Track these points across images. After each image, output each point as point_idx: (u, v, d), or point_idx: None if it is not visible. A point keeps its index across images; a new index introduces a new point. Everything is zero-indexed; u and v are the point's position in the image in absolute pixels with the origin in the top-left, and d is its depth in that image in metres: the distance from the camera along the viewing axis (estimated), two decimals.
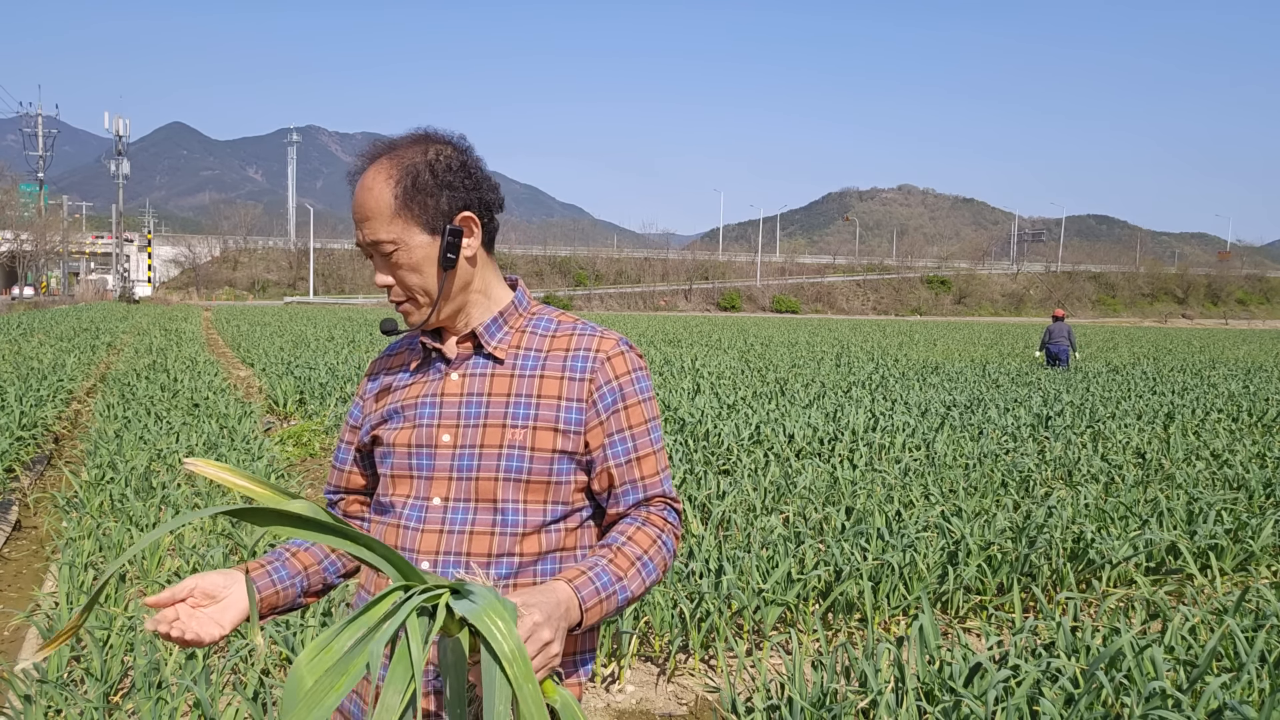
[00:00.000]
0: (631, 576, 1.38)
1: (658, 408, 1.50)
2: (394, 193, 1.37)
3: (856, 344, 26.64)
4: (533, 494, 1.42)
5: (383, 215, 1.38)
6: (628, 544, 1.40)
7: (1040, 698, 2.93)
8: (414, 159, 1.39)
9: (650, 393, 1.49)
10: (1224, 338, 41.93)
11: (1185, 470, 7.09)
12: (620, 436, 1.44)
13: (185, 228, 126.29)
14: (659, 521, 1.45)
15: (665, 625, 3.89)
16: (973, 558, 4.56)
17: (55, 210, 71.82)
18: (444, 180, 1.39)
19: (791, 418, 8.99)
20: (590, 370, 1.43)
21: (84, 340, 18.67)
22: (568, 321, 1.50)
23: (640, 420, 1.46)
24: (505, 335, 1.47)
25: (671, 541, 1.46)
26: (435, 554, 1.41)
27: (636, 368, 1.48)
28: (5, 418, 7.55)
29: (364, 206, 1.39)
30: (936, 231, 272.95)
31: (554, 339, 1.47)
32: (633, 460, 1.45)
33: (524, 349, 1.47)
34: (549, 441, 1.41)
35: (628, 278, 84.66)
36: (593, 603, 1.32)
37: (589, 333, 1.47)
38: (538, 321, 1.50)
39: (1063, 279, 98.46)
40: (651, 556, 1.41)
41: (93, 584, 4.19)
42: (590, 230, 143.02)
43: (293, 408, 10.47)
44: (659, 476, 1.47)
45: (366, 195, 1.39)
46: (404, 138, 1.44)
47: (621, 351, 1.47)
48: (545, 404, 1.42)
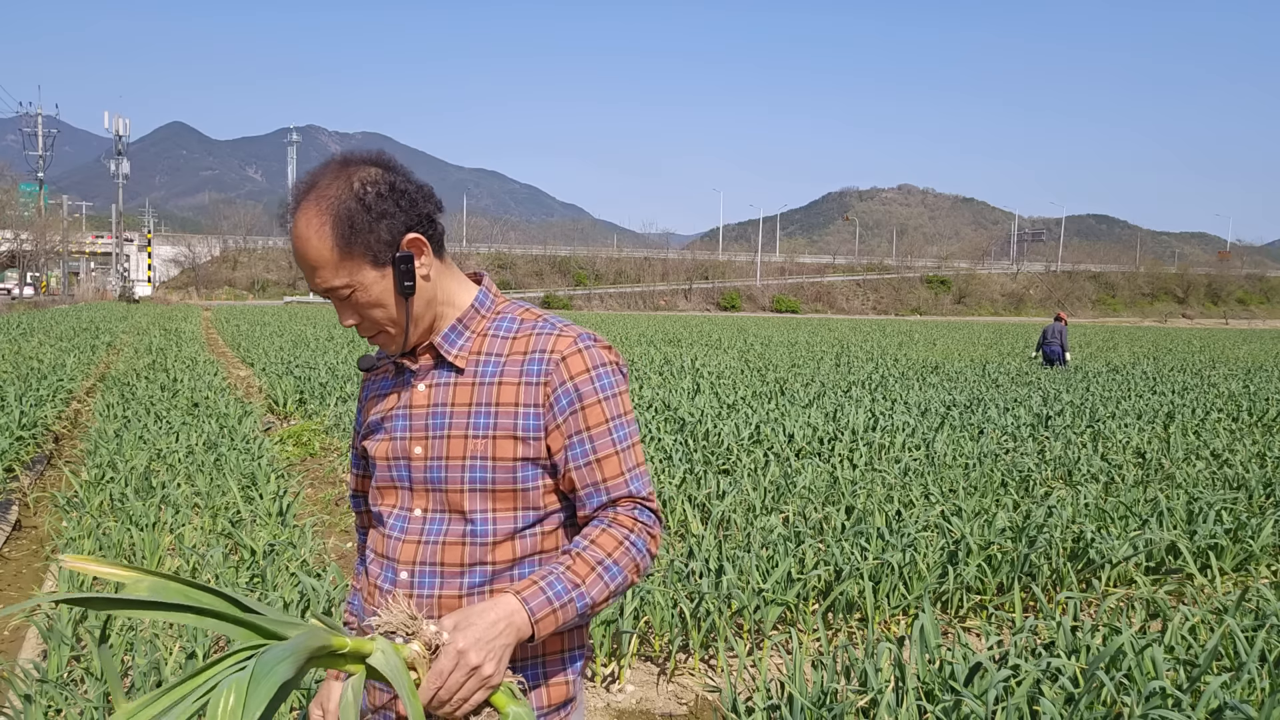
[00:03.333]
0: (592, 582, 1.34)
1: (625, 404, 1.45)
2: (332, 239, 1.32)
3: (856, 344, 26.64)
4: (500, 503, 1.40)
5: (328, 263, 1.33)
6: (590, 548, 1.37)
7: (1040, 697, 2.93)
8: (341, 196, 1.33)
9: (614, 389, 1.43)
10: (1224, 337, 41.93)
11: (1185, 470, 7.09)
12: (579, 439, 1.40)
13: (185, 227, 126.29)
14: (628, 522, 1.40)
15: (665, 625, 3.88)
16: (973, 557, 4.56)
17: (55, 210, 71.84)
18: (378, 210, 1.33)
19: (791, 417, 8.99)
20: (545, 373, 1.39)
21: (84, 340, 18.67)
22: (529, 320, 1.45)
23: (600, 420, 1.40)
24: (466, 342, 1.44)
25: (643, 542, 1.40)
26: (412, 564, 1.42)
27: (597, 364, 1.41)
28: (5, 418, 7.55)
29: (306, 257, 1.34)
30: (936, 231, 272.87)
31: (514, 341, 1.43)
32: (592, 463, 1.40)
33: (485, 354, 1.43)
34: (510, 450, 1.39)
35: (628, 277, 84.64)
36: (544, 613, 1.29)
37: (546, 331, 1.43)
38: (499, 323, 1.46)
39: (1063, 279, 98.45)
40: (617, 559, 1.37)
41: (92, 584, 4.19)
42: (590, 230, 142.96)
43: (293, 407, 10.47)
44: (624, 477, 1.42)
45: (305, 246, 1.33)
46: (322, 171, 1.37)
47: (579, 350, 1.41)
48: (504, 412, 1.39)
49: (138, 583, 1.09)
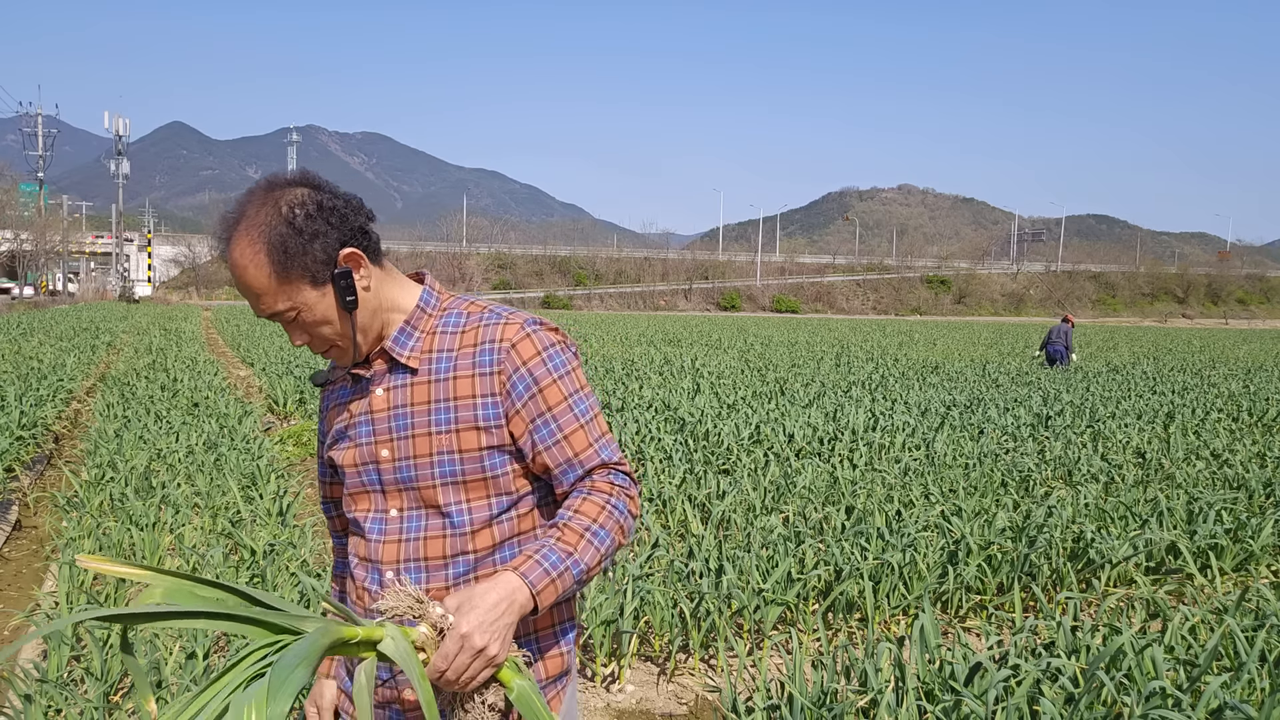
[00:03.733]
0: (583, 549, 1.38)
1: (580, 379, 1.48)
2: (269, 266, 1.34)
3: (856, 344, 26.64)
4: (473, 492, 1.44)
5: (267, 290, 1.36)
6: (575, 517, 1.40)
7: (1040, 697, 2.93)
8: (270, 221, 1.34)
9: (567, 367, 1.46)
10: (1224, 337, 41.92)
11: (1185, 470, 7.09)
12: (542, 420, 1.43)
13: (185, 227, 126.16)
14: (605, 487, 1.44)
15: (665, 625, 3.88)
16: (973, 557, 4.56)
17: (55, 210, 71.83)
18: (309, 231, 1.35)
19: (791, 417, 8.99)
20: (498, 361, 1.43)
21: (84, 340, 18.67)
22: (475, 313, 1.49)
23: (559, 399, 1.44)
24: (416, 342, 1.47)
25: (623, 503, 1.44)
26: (396, 562, 1.45)
27: (547, 345, 1.45)
28: (5, 417, 7.55)
29: (247, 286, 1.37)
30: (936, 231, 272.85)
31: (463, 335, 1.46)
32: (560, 441, 1.44)
33: (436, 352, 1.46)
34: (474, 441, 1.42)
35: (627, 277, 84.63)
36: (544, 584, 1.33)
37: (493, 321, 1.46)
38: (447, 319, 1.49)
39: (1063, 279, 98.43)
40: (603, 524, 1.41)
41: (91, 585, 4.19)
42: (590, 230, 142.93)
43: (293, 407, 10.47)
44: (593, 448, 1.45)
45: (243, 274, 1.36)
46: (249, 199, 1.38)
47: (527, 334, 1.44)
48: (462, 405, 1.43)
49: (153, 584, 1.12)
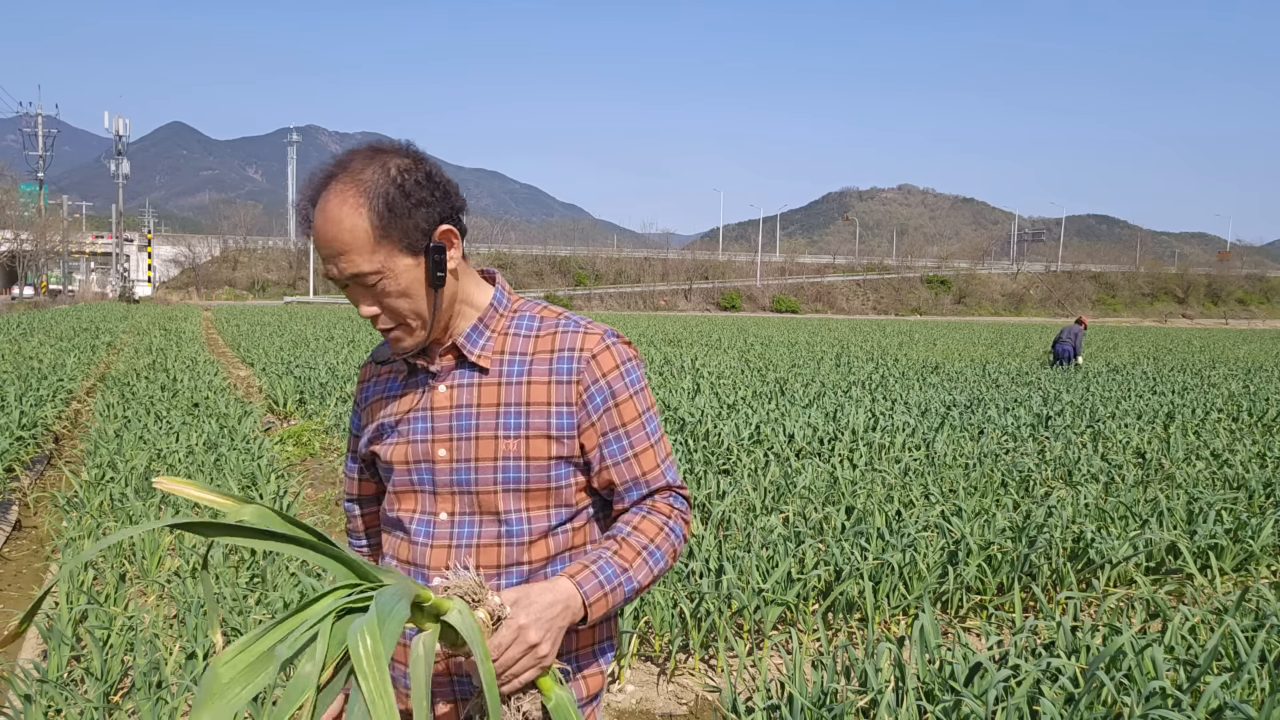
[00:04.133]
0: (638, 567, 1.36)
1: (650, 398, 1.46)
2: (369, 220, 1.27)
3: (856, 344, 26.64)
4: (534, 501, 1.39)
5: (361, 246, 1.28)
6: (633, 534, 1.38)
7: (1040, 697, 2.93)
8: (377, 179, 1.29)
9: (641, 383, 1.44)
10: (1224, 337, 41.92)
11: (1185, 470, 7.09)
12: (615, 435, 1.41)
13: (185, 228, 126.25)
14: (665, 509, 1.43)
15: (665, 625, 3.88)
16: (973, 557, 4.56)
17: (55, 210, 71.83)
18: (416, 198, 1.30)
19: (791, 417, 8.99)
20: (577, 371, 1.39)
21: (84, 340, 18.67)
22: (550, 318, 1.45)
23: (634, 415, 1.42)
24: (488, 341, 1.42)
25: (680, 527, 1.43)
26: (445, 569, 1.39)
27: (625, 359, 1.42)
28: (5, 418, 7.55)
29: (335, 240, 1.28)
30: (936, 231, 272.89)
31: (538, 339, 1.42)
32: (630, 458, 1.41)
33: (508, 354, 1.42)
34: (544, 449, 1.38)
35: (628, 277, 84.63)
36: (597, 596, 1.31)
37: (572, 329, 1.42)
38: (519, 321, 1.45)
39: (1063, 279, 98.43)
40: (659, 545, 1.39)
41: (92, 584, 4.19)
42: (590, 230, 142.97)
43: (293, 407, 10.47)
44: (660, 469, 1.44)
45: (336, 228, 1.28)
46: (355, 156, 1.32)
47: (607, 346, 1.41)
48: (535, 411, 1.38)
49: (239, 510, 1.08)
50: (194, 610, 3.58)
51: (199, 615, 3.55)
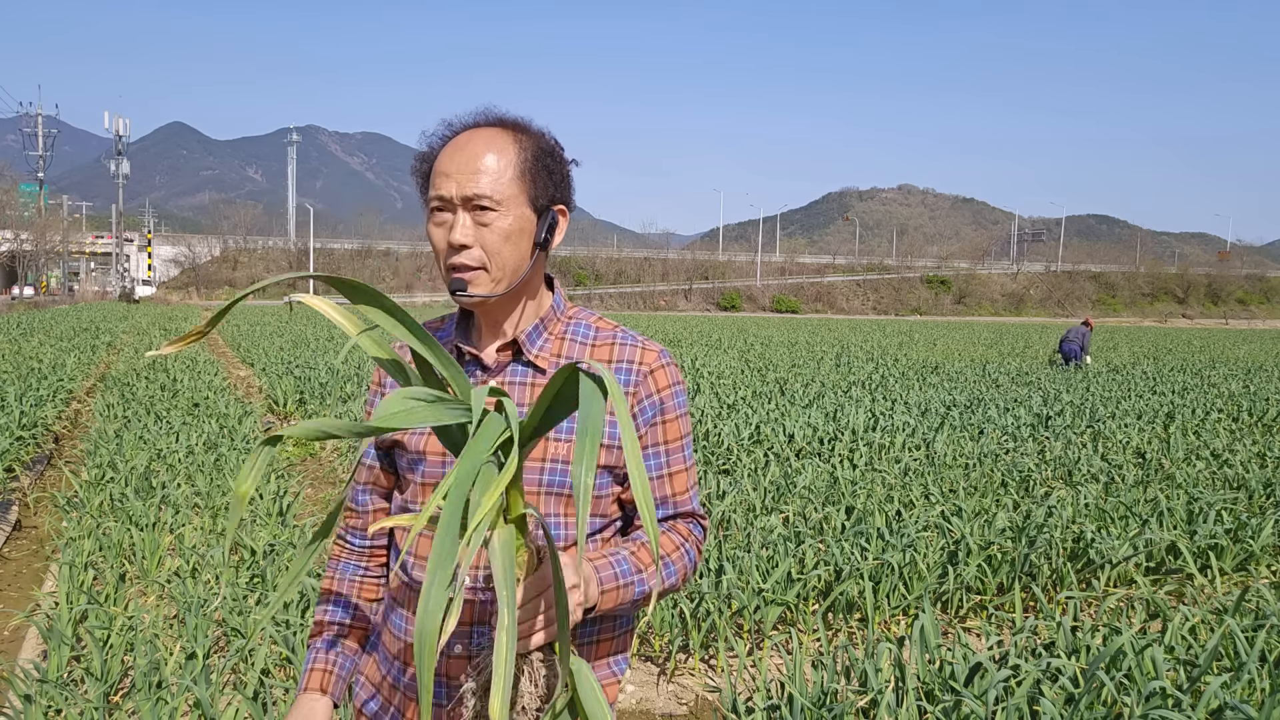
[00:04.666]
0: (652, 573, 1.35)
1: (690, 424, 1.49)
2: (519, 157, 1.35)
3: (856, 344, 26.64)
4: (572, 508, 1.37)
5: (501, 174, 1.33)
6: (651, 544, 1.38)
7: (1040, 697, 2.93)
8: (538, 136, 1.38)
9: (685, 409, 1.47)
10: (1224, 337, 41.92)
11: (1185, 470, 7.09)
12: (655, 451, 1.42)
13: (185, 227, 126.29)
14: (684, 531, 1.44)
15: (665, 625, 3.89)
16: (973, 557, 4.56)
17: (55, 210, 71.85)
18: (558, 169, 1.39)
19: (791, 417, 8.99)
20: (634, 384, 1.41)
21: (84, 340, 18.67)
22: (607, 329, 1.46)
23: (676, 436, 1.44)
24: (545, 343, 1.43)
25: (694, 553, 1.44)
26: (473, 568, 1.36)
27: (676, 382, 1.45)
28: (5, 418, 7.55)
29: (479, 157, 1.33)
30: (936, 231, 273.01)
31: (595, 348, 1.43)
32: (665, 476, 1.43)
33: (564, 358, 1.42)
34: None
35: (628, 277, 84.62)
36: (610, 586, 1.29)
37: (631, 343, 1.44)
38: (575, 328, 1.46)
39: (1063, 279, 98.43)
40: (674, 560, 1.39)
41: (92, 584, 4.19)
42: (590, 230, 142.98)
43: (293, 407, 10.47)
44: (689, 493, 1.45)
45: (486, 147, 1.34)
46: (517, 118, 1.41)
47: (664, 365, 1.44)
48: None
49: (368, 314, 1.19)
50: (194, 610, 3.58)
51: (199, 615, 3.55)
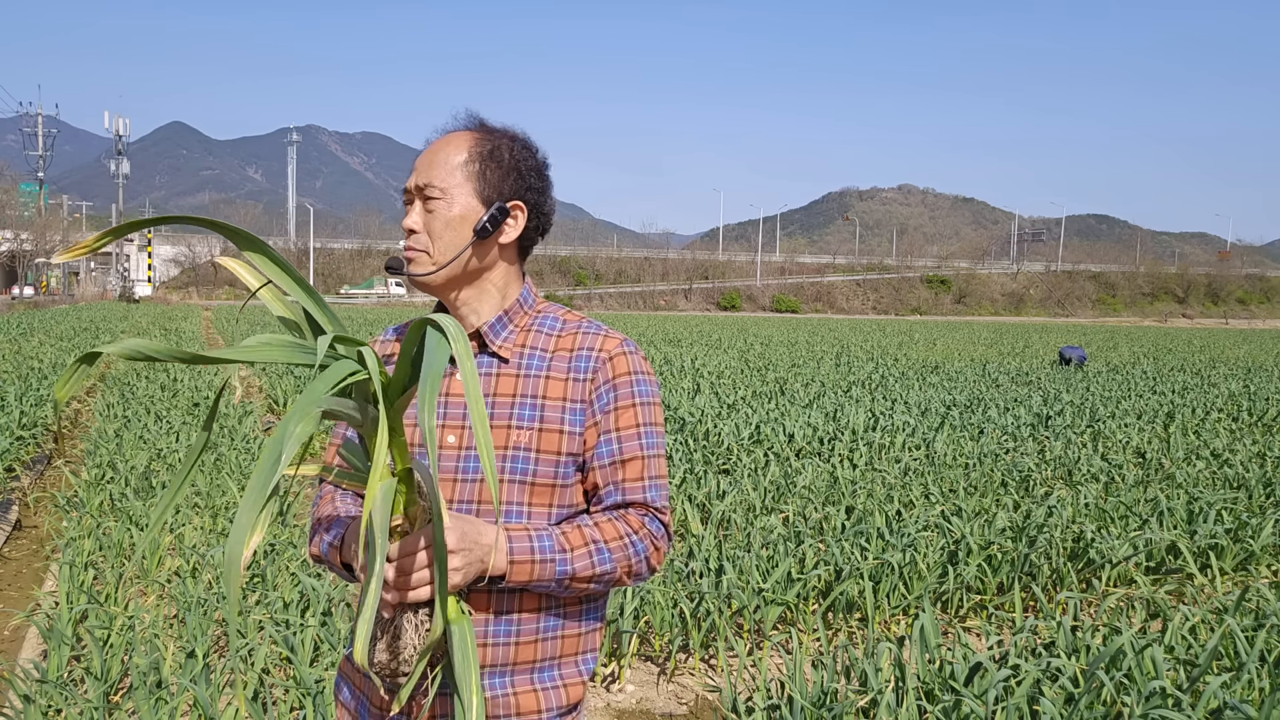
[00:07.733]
0: (579, 555, 1.34)
1: (658, 415, 1.46)
2: (469, 154, 1.42)
3: (856, 344, 26.64)
4: (537, 497, 1.39)
5: (447, 165, 1.41)
6: (589, 527, 1.37)
7: (1040, 697, 2.93)
8: (499, 139, 1.44)
9: (649, 398, 1.45)
10: (1224, 337, 41.92)
11: (1185, 470, 7.09)
12: (608, 437, 1.41)
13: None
14: (634, 522, 1.40)
15: (665, 625, 3.88)
16: (973, 557, 4.56)
17: (55, 210, 71.83)
18: (517, 166, 1.43)
19: (791, 417, 8.99)
20: (592, 370, 1.42)
21: (84, 340, 18.67)
22: (573, 320, 1.48)
23: (631, 424, 1.42)
24: (510, 334, 1.45)
25: (644, 546, 1.39)
26: None
27: (637, 370, 1.44)
28: (5, 418, 7.55)
29: (434, 154, 1.43)
30: (936, 231, 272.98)
31: (559, 338, 1.45)
32: (616, 463, 1.41)
33: (529, 348, 1.44)
34: (555, 444, 1.39)
35: (628, 277, 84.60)
36: (523, 559, 1.30)
37: (594, 331, 1.46)
38: (543, 320, 1.48)
39: (1063, 279, 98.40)
40: (612, 549, 1.36)
41: (92, 584, 4.19)
42: (590, 230, 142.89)
43: None
44: (642, 483, 1.42)
45: (443, 146, 1.43)
46: (483, 121, 1.48)
47: (624, 352, 1.44)
48: (551, 405, 1.40)
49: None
50: (194, 610, 3.58)
51: (199, 615, 3.55)
